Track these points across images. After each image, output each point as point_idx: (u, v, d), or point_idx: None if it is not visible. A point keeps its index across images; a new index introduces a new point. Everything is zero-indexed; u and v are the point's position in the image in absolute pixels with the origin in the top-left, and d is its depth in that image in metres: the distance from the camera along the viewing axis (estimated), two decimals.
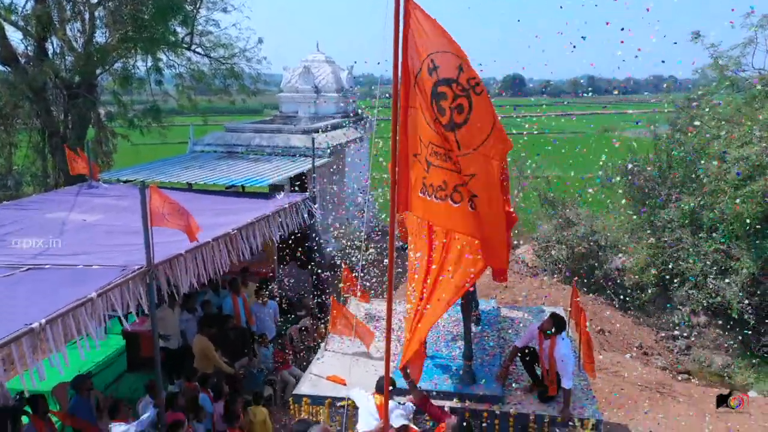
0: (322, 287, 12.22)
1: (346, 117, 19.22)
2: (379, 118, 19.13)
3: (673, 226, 15.03)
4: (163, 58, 18.83)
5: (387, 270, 4.69)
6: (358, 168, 18.51)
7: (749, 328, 13.25)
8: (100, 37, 17.59)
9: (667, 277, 14.89)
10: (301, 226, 10.81)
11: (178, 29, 18.30)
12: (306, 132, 16.01)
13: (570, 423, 6.55)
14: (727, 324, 14.01)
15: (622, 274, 16.37)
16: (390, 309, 4.84)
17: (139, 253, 6.28)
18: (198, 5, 18.56)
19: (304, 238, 11.74)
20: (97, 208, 9.74)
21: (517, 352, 7.24)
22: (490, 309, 9.29)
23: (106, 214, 9.37)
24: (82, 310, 5.39)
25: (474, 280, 6.23)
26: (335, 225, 15.97)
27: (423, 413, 6.49)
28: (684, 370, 13.55)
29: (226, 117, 32.20)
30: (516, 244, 18.96)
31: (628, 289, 15.78)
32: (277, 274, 12.71)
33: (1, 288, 5.89)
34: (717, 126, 14.09)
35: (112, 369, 9.87)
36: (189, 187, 12.04)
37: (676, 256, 14.73)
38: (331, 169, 15.75)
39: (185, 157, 15.00)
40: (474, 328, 7.94)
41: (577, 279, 10.63)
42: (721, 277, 13.93)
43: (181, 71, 19.35)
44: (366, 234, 16.07)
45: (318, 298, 12.14)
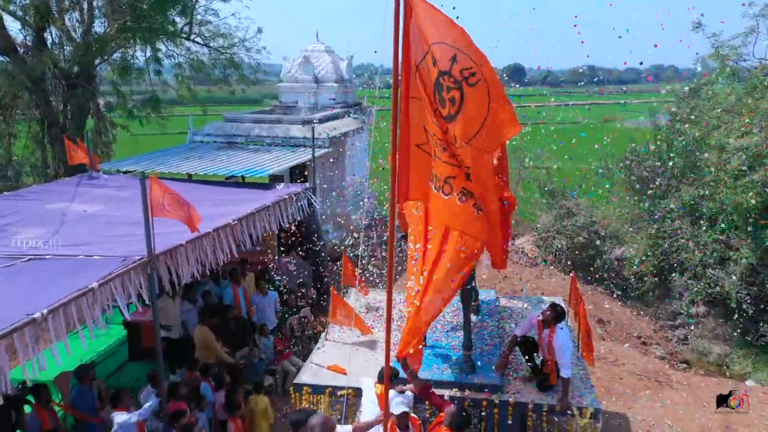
0: (322, 277, 12.25)
1: (346, 107, 19.17)
2: (378, 108, 19.11)
3: (673, 216, 15.04)
4: (162, 48, 18.77)
5: (387, 260, 4.71)
6: (358, 158, 18.49)
7: (748, 317, 13.29)
8: (98, 26, 17.53)
9: (666, 267, 14.92)
10: (301, 216, 10.82)
11: (177, 19, 18.21)
12: (306, 122, 15.98)
13: (568, 412, 6.58)
14: (725, 314, 14.06)
15: (622, 264, 16.40)
16: (390, 299, 4.86)
17: (140, 244, 6.31)
18: None
19: (304, 228, 11.76)
20: (97, 198, 9.76)
21: (516, 341, 7.27)
22: (490, 299, 9.32)
23: (106, 204, 9.39)
24: (83, 300, 5.42)
25: (469, 270, 6.30)
26: (335, 215, 15.99)
27: (423, 402, 6.53)
28: (682, 360, 13.63)
29: (226, 107, 32.14)
30: (516, 234, 18.98)
31: (628, 279, 15.82)
32: (278, 264, 12.74)
33: (2, 278, 5.92)
34: (717, 116, 14.07)
35: (114, 359, 9.92)
36: (189, 178, 12.04)
37: (675, 246, 14.75)
38: (331, 160, 15.74)
39: (185, 148, 14.99)
40: (473, 318, 7.97)
41: (577, 269, 10.67)
42: (721, 267, 13.97)
43: (181, 61, 19.26)
44: (366, 224, 16.08)
45: (318, 289, 12.18)
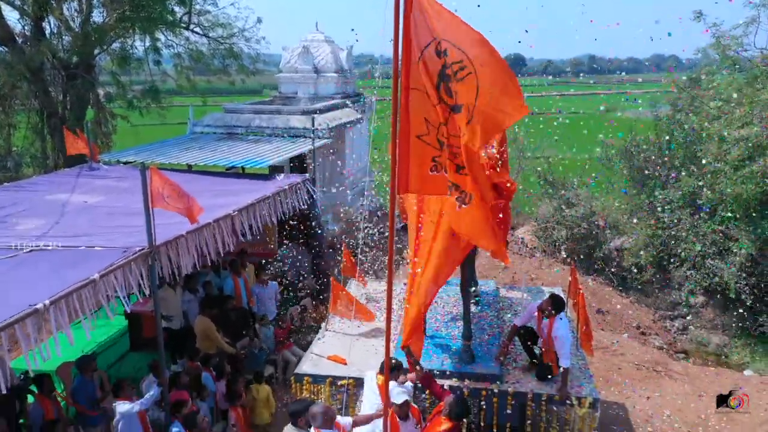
0: (322, 268, 12.29)
1: (346, 97, 19.12)
2: (378, 98, 19.05)
3: (673, 206, 15.05)
4: (162, 37, 18.67)
5: (387, 251, 4.73)
6: (358, 149, 18.46)
7: (746, 308, 13.35)
8: (97, 16, 17.44)
9: (665, 257, 14.95)
10: (301, 207, 10.84)
11: (176, 8, 18.11)
12: (306, 113, 15.93)
13: (567, 401, 6.63)
14: (724, 304, 14.11)
15: (621, 254, 16.43)
16: (390, 289, 4.89)
17: (141, 235, 6.32)
18: None
19: (304, 219, 11.77)
20: (97, 189, 9.76)
21: (516, 330, 7.31)
22: (489, 289, 9.35)
23: (107, 195, 9.39)
24: (85, 291, 5.45)
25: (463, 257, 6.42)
26: (335, 205, 15.99)
27: (423, 392, 6.58)
28: (681, 350, 13.70)
29: (225, 97, 31.96)
30: (515, 224, 19.00)
31: (627, 270, 15.86)
32: (278, 255, 12.76)
33: (5, 269, 5.94)
34: (718, 107, 14.04)
35: (115, 349, 9.96)
36: (189, 169, 12.04)
37: (675, 236, 14.77)
38: (331, 150, 15.71)
39: (185, 138, 14.96)
40: (473, 309, 8.01)
41: (576, 259, 10.69)
42: (720, 257, 14.00)
43: (180, 51, 19.18)
44: (367, 214, 16.08)
45: (318, 279, 12.21)
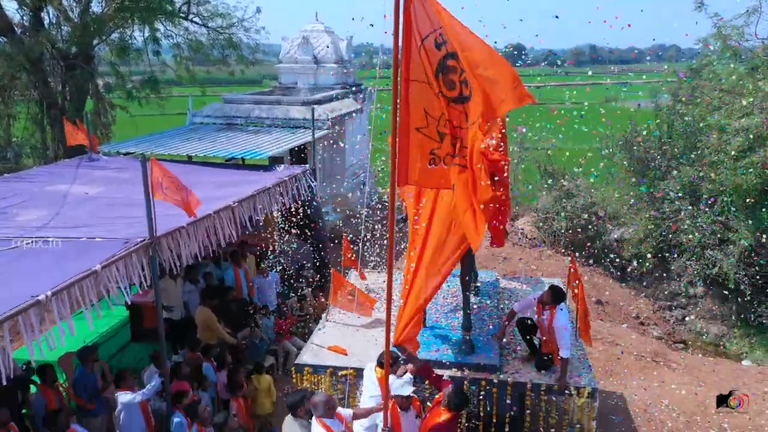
0: (322, 258, 12.31)
1: (346, 88, 19.06)
2: (379, 89, 18.99)
3: (672, 197, 15.05)
4: (161, 28, 18.63)
5: (387, 243, 4.74)
6: (358, 140, 18.42)
7: (745, 298, 13.39)
8: (96, 6, 17.39)
9: (665, 248, 14.96)
10: (302, 198, 10.84)
11: None
12: (305, 103, 15.89)
13: (566, 391, 6.66)
14: (723, 295, 14.15)
15: (621, 245, 16.45)
16: (390, 281, 4.90)
17: (141, 226, 6.34)
18: None
19: (304, 210, 11.78)
20: (98, 180, 9.77)
21: (514, 314, 7.34)
22: (489, 280, 9.37)
23: (107, 186, 9.40)
24: (86, 282, 5.47)
25: (462, 252, 6.37)
26: (335, 196, 15.99)
27: (423, 382, 6.61)
28: (680, 340, 13.75)
29: (225, 88, 31.87)
30: (515, 215, 19.01)
31: (627, 260, 15.88)
32: (278, 246, 12.79)
33: (6, 260, 5.96)
34: (718, 97, 14.00)
35: (116, 339, 10.00)
36: (189, 160, 12.04)
37: (674, 226, 14.78)
38: (331, 141, 15.69)
39: (184, 129, 14.94)
40: (473, 299, 8.03)
41: (577, 250, 10.70)
42: (719, 248, 14.01)
43: (179, 41, 19.14)
44: (366, 206, 16.08)
45: (318, 270, 12.24)
